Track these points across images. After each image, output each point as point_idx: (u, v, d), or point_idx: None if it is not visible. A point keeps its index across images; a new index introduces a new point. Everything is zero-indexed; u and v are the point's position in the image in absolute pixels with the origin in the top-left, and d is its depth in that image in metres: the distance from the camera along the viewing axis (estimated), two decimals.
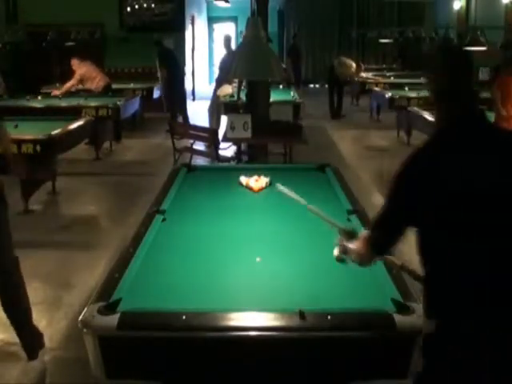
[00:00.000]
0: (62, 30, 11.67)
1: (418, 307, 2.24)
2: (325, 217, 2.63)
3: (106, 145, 9.13)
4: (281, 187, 2.72)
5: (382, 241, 2.08)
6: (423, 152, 1.91)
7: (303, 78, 17.47)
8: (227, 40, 9.84)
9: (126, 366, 2.31)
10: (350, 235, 2.41)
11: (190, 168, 4.82)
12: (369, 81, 12.92)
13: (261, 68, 6.38)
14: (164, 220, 3.47)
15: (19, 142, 5.77)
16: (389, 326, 2.22)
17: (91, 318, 2.26)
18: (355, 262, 2.27)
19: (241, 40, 6.43)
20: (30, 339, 3.42)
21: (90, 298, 2.48)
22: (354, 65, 12.74)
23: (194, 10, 15.39)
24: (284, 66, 13.62)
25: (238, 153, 7.22)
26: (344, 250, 2.44)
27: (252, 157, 7.14)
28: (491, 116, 6.82)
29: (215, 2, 13.54)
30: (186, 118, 10.62)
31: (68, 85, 9.71)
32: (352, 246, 2.28)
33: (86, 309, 2.34)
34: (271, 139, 6.69)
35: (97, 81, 9.85)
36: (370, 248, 2.11)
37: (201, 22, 17.10)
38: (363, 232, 2.30)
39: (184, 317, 2.23)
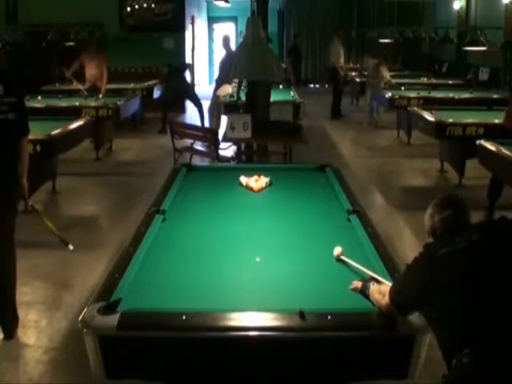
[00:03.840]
0: (62, 30, 11.66)
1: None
2: (357, 266, 2.68)
3: (106, 145, 9.15)
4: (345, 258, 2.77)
5: (405, 311, 2.24)
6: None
7: (303, 78, 17.48)
8: (226, 40, 9.82)
9: (126, 366, 2.31)
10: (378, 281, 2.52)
11: (190, 168, 4.82)
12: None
13: (261, 68, 6.39)
14: (164, 220, 3.47)
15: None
16: (389, 325, 2.22)
17: (91, 318, 2.26)
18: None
19: (241, 40, 6.42)
20: (12, 317, 3.63)
21: (90, 298, 2.49)
22: (341, 53, 12.56)
23: (194, 10, 15.38)
24: (284, 65, 13.62)
25: (238, 153, 7.22)
26: (365, 288, 2.47)
27: (249, 157, 7.15)
28: (497, 116, 6.80)
29: (215, 2, 13.53)
30: (202, 120, 10.58)
31: (105, 80, 9.85)
32: (375, 291, 2.38)
33: (85, 309, 2.34)
34: (271, 139, 6.69)
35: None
36: (392, 307, 2.22)
37: (201, 22, 17.10)
38: (387, 285, 2.36)
39: (184, 317, 2.23)
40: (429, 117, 7.35)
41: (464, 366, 1.88)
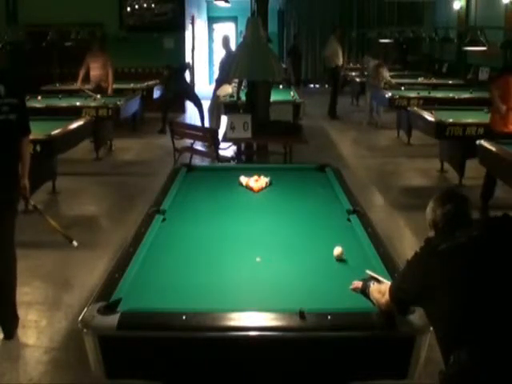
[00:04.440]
0: (62, 30, 11.66)
1: (418, 307, 2.23)
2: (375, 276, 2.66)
3: (106, 145, 9.14)
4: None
5: (405, 308, 2.25)
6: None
7: (303, 78, 17.48)
8: (226, 40, 9.81)
9: (126, 366, 2.31)
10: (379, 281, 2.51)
11: (190, 168, 4.81)
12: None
13: (261, 68, 6.39)
14: (164, 220, 3.47)
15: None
16: (389, 326, 2.22)
17: (91, 318, 2.26)
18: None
19: (241, 40, 6.41)
20: (12, 317, 3.64)
21: (90, 298, 2.49)
22: (339, 52, 12.64)
23: (194, 10, 15.38)
24: (284, 65, 13.62)
25: (238, 153, 7.22)
26: (365, 288, 2.46)
27: (249, 157, 7.15)
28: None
29: (215, 2, 13.54)
30: (203, 120, 10.55)
31: (111, 78, 9.81)
32: (375, 291, 2.38)
33: (85, 309, 2.34)
34: (271, 139, 6.69)
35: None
36: (392, 305, 2.23)
37: (201, 22, 17.10)
38: (387, 284, 2.35)
39: (184, 317, 2.23)
40: (429, 117, 7.35)
41: (462, 362, 1.89)
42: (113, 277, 2.64)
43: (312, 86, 18.13)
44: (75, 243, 3.97)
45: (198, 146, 7.96)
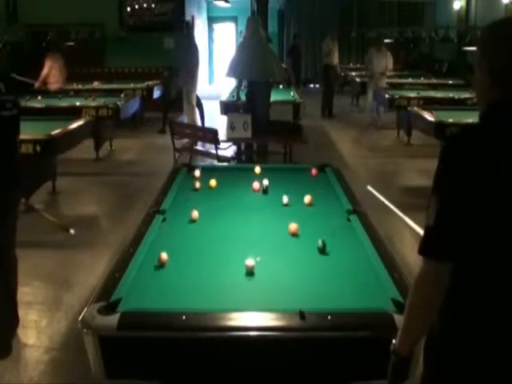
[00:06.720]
0: (62, 30, 11.68)
1: None
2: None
3: (106, 145, 9.14)
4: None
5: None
6: (475, 149, 1.50)
7: (303, 78, 17.49)
8: (188, 25, 8.95)
9: (126, 366, 2.31)
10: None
11: (190, 168, 4.81)
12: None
13: (261, 68, 6.40)
14: (164, 220, 3.47)
15: (19, 142, 5.76)
16: (389, 326, 2.22)
17: (91, 318, 2.26)
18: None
19: (241, 40, 6.39)
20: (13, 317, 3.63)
21: (90, 298, 2.49)
22: (335, 52, 12.76)
23: (194, 10, 15.39)
24: (284, 65, 13.64)
25: (238, 153, 7.22)
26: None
27: (249, 157, 7.15)
28: None
29: (215, 2, 13.57)
30: (203, 120, 10.55)
31: (56, 78, 9.72)
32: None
33: (85, 309, 2.34)
34: (271, 139, 6.69)
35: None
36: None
37: (201, 22, 17.10)
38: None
39: (184, 317, 2.23)
40: (429, 117, 7.35)
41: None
42: (113, 277, 2.64)
43: (312, 85, 18.13)
44: (72, 231, 3.97)
45: (198, 145, 7.96)
